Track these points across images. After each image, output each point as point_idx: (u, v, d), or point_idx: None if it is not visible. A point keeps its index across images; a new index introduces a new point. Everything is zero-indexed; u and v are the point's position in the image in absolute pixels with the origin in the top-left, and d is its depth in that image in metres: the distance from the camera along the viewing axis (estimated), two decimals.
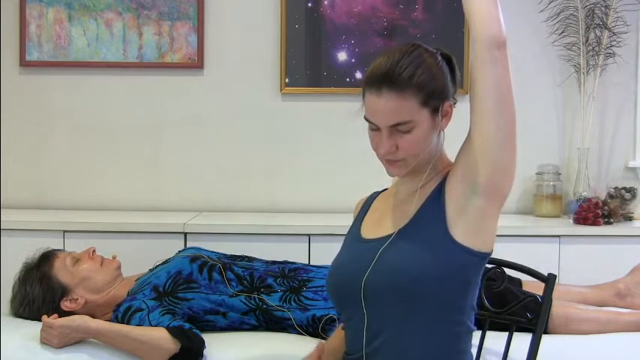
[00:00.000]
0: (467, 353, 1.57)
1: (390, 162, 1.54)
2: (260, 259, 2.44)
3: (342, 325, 1.69)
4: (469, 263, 1.50)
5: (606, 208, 2.86)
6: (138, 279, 2.34)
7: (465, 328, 1.54)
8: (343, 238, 1.69)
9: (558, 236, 2.76)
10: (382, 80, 1.49)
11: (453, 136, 1.60)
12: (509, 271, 1.84)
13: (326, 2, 3.12)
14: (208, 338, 2.11)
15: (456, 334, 1.53)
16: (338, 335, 1.73)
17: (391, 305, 1.50)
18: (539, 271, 1.81)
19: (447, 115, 1.55)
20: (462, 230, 1.49)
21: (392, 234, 1.54)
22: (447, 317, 1.51)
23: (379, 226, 1.60)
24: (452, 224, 1.49)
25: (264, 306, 2.24)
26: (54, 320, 2.06)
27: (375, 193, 1.74)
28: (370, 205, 1.70)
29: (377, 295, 1.51)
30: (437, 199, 1.53)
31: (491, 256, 1.85)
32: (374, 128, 1.53)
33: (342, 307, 1.62)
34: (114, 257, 2.39)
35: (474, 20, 1.46)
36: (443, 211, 1.50)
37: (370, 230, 1.62)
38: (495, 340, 1.94)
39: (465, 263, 1.49)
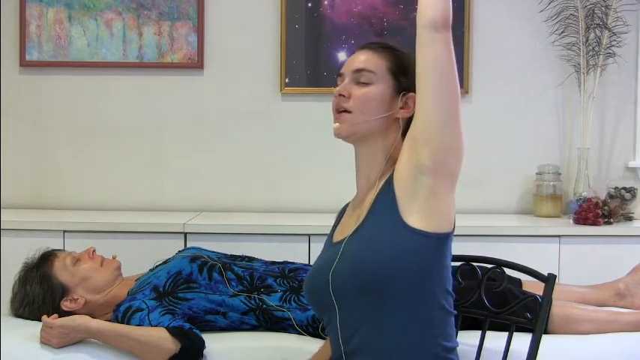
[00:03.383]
0: (449, 336, 1.58)
1: (339, 112, 1.62)
2: (260, 259, 2.44)
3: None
4: (426, 246, 1.51)
5: (606, 208, 2.86)
6: (138, 279, 2.34)
7: (440, 311, 1.55)
8: None
9: (558, 236, 2.75)
10: (365, 44, 1.68)
11: None
12: (509, 271, 1.84)
13: (326, 2, 3.12)
14: (208, 338, 2.11)
15: (431, 318, 1.54)
16: (326, 345, 1.76)
17: (360, 300, 1.52)
18: (539, 271, 1.81)
19: (408, 107, 1.61)
20: (415, 214, 1.50)
21: (351, 232, 1.59)
22: (417, 303, 1.52)
23: (344, 228, 1.65)
24: (403, 210, 1.51)
25: (264, 306, 2.24)
26: (54, 320, 2.06)
27: (347, 203, 1.78)
28: (344, 213, 1.75)
29: (344, 292, 1.54)
30: (387, 188, 1.56)
31: (491, 256, 1.87)
32: (339, 84, 1.65)
33: (319, 311, 1.66)
34: (114, 257, 2.39)
35: (419, 3, 1.50)
36: (393, 199, 1.53)
37: (338, 233, 1.68)
38: (495, 340, 1.94)
39: (421, 247, 1.50)
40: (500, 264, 1.85)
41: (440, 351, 1.55)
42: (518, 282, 2.38)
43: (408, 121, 1.61)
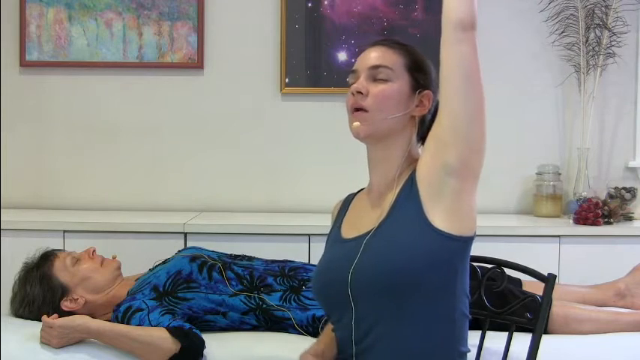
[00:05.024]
0: (465, 341, 1.57)
1: (356, 111, 1.57)
2: (260, 258, 2.44)
3: (331, 327, 1.69)
4: (452, 249, 1.50)
5: (606, 208, 2.86)
6: (138, 279, 2.34)
7: (460, 314, 1.54)
8: None
9: (558, 236, 2.76)
10: (378, 41, 1.64)
11: None
12: (509, 271, 1.84)
13: (326, 2, 3.12)
14: (208, 338, 2.11)
15: (452, 321, 1.53)
16: (327, 335, 1.74)
17: (379, 299, 1.50)
18: (539, 271, 1.81)
19: (423, 105, 1.59)
20: (440, 216, 1.48)
21: (372, 229, 1.55)
22: (440, 306, 1.50)
23: (359, 225, 1.61)
24: (429, 211, 1.49)
25: (264, 305, 2.24)
26: (54, 320, 2.06)
27: (350, 195, 1.75)
28: (348, 207, 1.71)
29: (364, 291, 1.51)
30: (410, 188, 1.54)
31: (491, 256, 1.87)
32: (352, 83, 1.60)
33: (331, 309, 1.63)
34: (114, 257, 2.39)
35: (444, 3, 1.48)
36: (417, 199, 1.51)
37: (350, 230, 1.63)
38: (495, 340, 1.94)
39: (447, 249, 1.49)
40: (500, 264, 1.85)
41: (456, 356, 1.54)
42: (518, 282, 2.38)
43: (422, 119, 1.60)
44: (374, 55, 1.59)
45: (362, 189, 1.73)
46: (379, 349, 1.51)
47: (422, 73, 1.59)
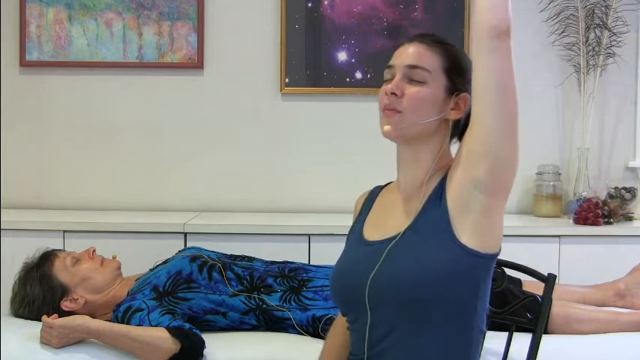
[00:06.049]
0: (477, 355, 1.53)
1: (388, 111, 1.50)
2: (260, 259, 2.44)
3: (338, 321, 1.68)
4: (478, 266, 1.45)
5: (606, 208, 2.86)
6: (138, 279, 2.34)
7: (477, 331, 1.50)
8: (343, 238, 1.67)
9: (558, 236, 2.76)
10: (416, 36, 1.57)
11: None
12: (509, 271, 1.84)
13: (326, 2, 3.12)
14: (208, 338, 2.11)
15: (469, 339, 1.49)
16: (340, 328, 1.71)
17: (397, 308, 1.46)
18: (539, 271, 1.81)
19: (459, 108, 1.52)
20: (469, 231, 1.43)
21: (396, 235, 1.50)
22: (457, 320, 1.46)
23: (382, 227, 1.56)
24: (457, 225, 1.44)
25: (264, 306, 2.24)
26: (54, 320, 2.06)
27: (377, 188, 1.69)
28: (373, 203, 1.65)
29: (382, 299, 1.47)
30: (438, 198, 1.48)
31: None
32: (388, 79, 1.53)
33: (347, 310, 1.59)
34: (114, 257, 2.39)
35: (477, 7, 1.41)
36: (445, 211, 1.46)
37: (373, 231, 1.58)
38: (495, 340, 1.94)
39: (472, 266, 1.44)
40: (500, 264, 1.84)
41: None
42: (518, 282, 2.38)
43: (456, 122, 1.54)
44: (412, 53, 1.52)
45: (390, 182, 1.67)
46: (390, 356, 1.48)
47: (460, 76, 1.52)
